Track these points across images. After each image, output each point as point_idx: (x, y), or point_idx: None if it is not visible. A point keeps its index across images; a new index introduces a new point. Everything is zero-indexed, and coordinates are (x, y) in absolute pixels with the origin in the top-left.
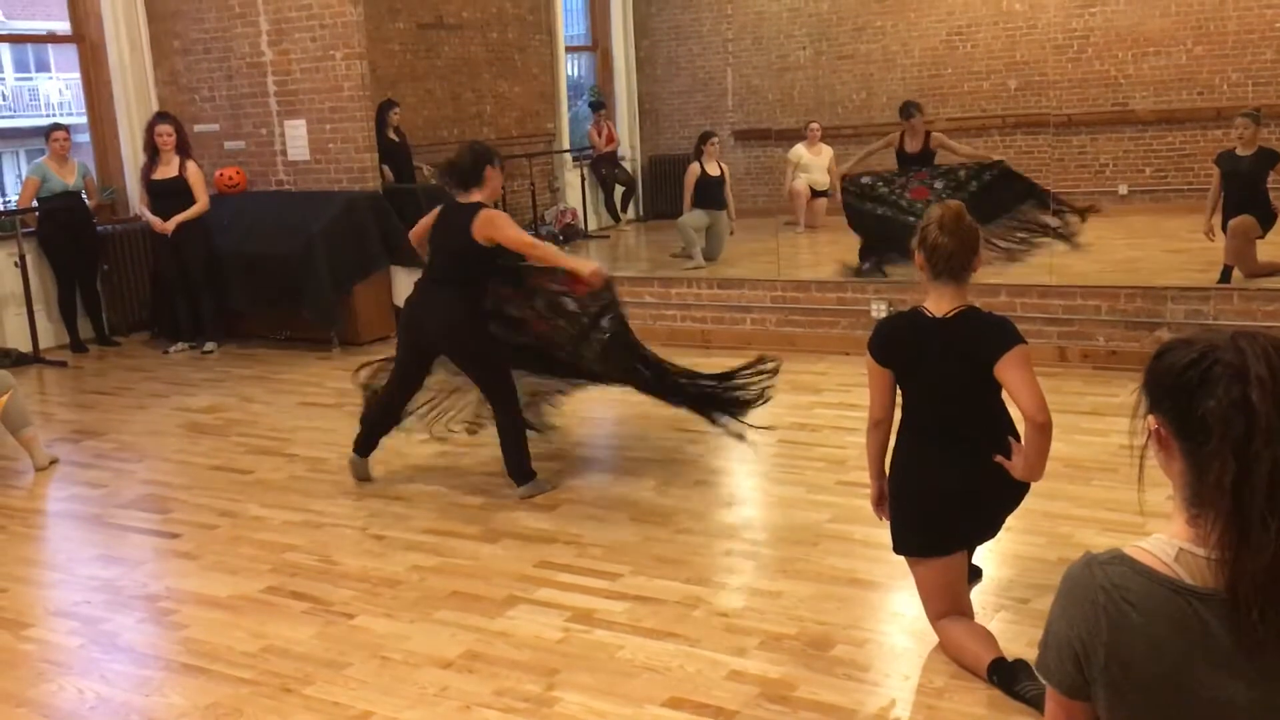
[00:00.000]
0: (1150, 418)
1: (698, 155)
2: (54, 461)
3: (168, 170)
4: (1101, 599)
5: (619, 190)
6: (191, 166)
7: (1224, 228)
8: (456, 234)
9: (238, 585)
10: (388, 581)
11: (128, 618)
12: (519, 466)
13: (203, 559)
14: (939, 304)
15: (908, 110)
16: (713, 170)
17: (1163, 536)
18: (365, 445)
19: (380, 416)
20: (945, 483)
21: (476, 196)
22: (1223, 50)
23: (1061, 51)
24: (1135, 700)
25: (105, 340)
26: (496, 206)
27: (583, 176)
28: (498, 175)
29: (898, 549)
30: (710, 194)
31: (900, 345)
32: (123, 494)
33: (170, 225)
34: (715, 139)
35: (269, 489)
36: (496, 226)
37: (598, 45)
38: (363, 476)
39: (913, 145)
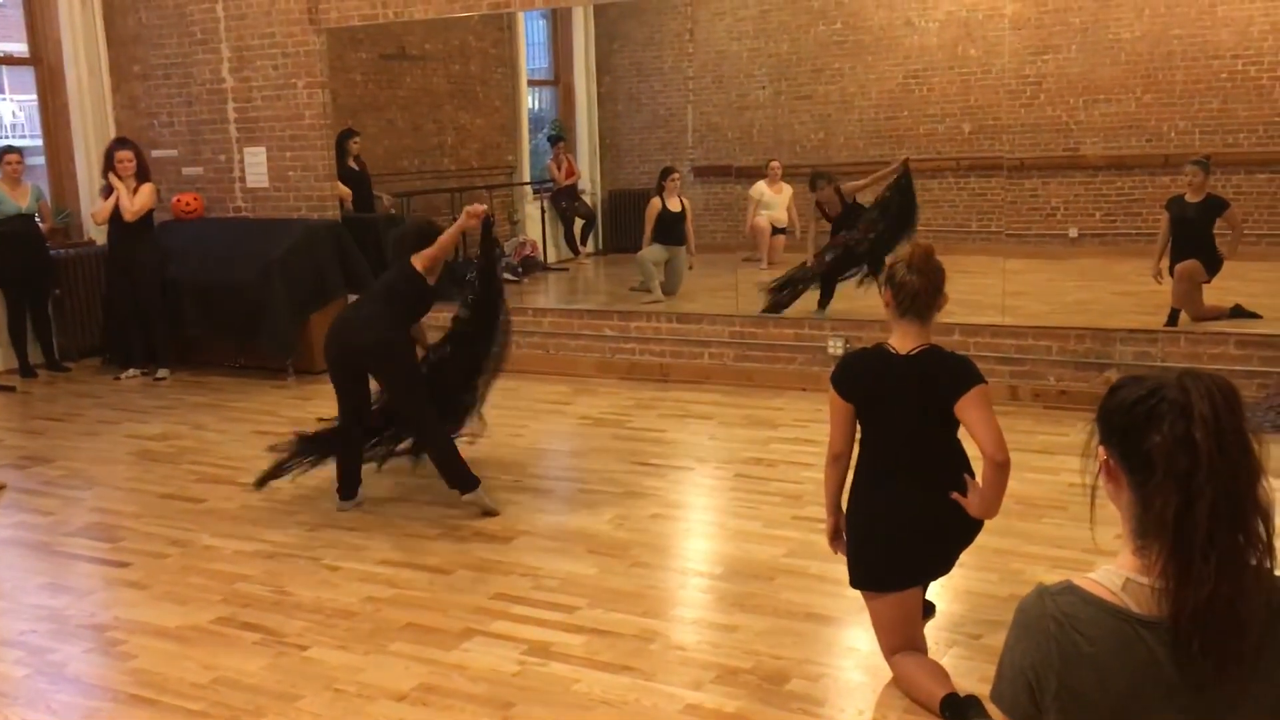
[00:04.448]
0: (1101, 450)
1: (659, 190)
2: (1, 488)
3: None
4: (1053, 628)
5: (579, 223)
6: (146, 187)
7: (1171, 272)
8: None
9: (188, 615)
10: (342, 613)
11: (75, 647)
12: (460, 476)
13: (152, 588)
14: (903, 341)
15: (815, 183)
16: (673, 206)
17: (1111, 567)
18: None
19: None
20: (902, 518)
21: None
22: (1170, 99)
23: (1015, 97)
24: None
25: (55, 365)
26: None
27: (543, 209)
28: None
29: (854, 583)
30: (670, 229)
31: (863, 381)
32: (71, 522)
33: (103, 214)
34: (676, 175)
35: (221, 518)
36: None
37: (560, 80)
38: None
39: (832, 210)
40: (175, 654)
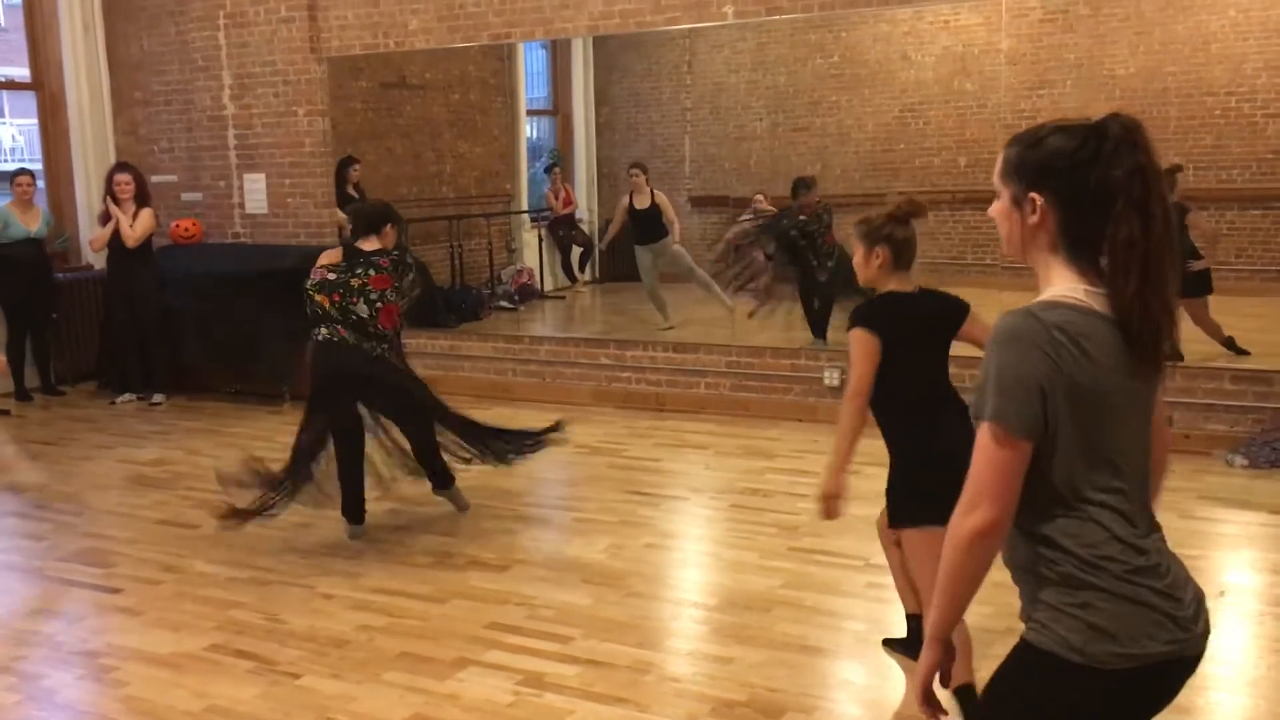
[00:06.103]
0: (1033, 195)
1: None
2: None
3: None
4: (1059, 335)
5: (576, 252)
6: (145, 212)
7: None
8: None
9: (181, 642)
10: (335, 641)
11: (67, 674)
12: (441, 470)
13: (145, 615)
14: (904, 288)
15: (796, 189)
16: (641, 203)
17: (1058, 287)
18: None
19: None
20: (954, 440)
21: (375, 244)
22: (1164, 135)
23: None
24: (1078, 417)
25: (51, 389)
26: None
27: (540, 237)
28: (393, 234)
29: (904, 520)
30: (645, 227)
31: (896, 318)
32: (64, 547)
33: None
34: (635, 169)
35: (215, 544)
36: None
37: (559, 110)
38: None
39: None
40: (168, 681)
